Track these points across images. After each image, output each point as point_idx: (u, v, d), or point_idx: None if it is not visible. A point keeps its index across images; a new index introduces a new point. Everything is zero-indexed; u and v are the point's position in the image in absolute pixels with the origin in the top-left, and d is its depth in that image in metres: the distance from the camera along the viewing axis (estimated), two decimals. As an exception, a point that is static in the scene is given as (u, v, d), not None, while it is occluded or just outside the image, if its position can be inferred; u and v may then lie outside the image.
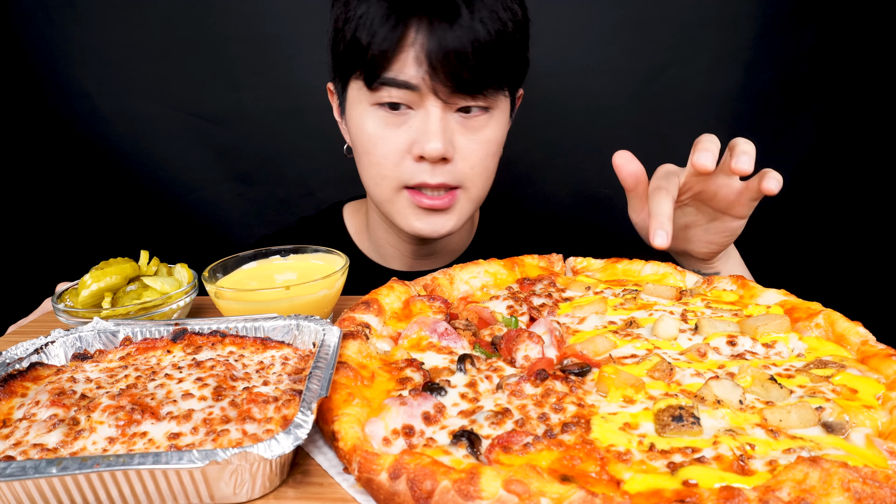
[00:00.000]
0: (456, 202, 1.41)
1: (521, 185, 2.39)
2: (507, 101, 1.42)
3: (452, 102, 1.31)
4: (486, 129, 1.37)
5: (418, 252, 1.66)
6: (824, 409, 0.75)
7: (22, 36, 2.23)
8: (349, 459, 0.69)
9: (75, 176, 2.36)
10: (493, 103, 1.35)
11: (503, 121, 1.41)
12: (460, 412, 0.78)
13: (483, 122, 1.36)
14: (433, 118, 1.29)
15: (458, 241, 1.69)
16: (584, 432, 0.72)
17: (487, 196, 1.80)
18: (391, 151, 1.35)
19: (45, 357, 0.92)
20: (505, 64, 1.31)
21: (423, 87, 1.27)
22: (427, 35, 1.23)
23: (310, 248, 1.28)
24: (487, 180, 1.45)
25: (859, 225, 2.33)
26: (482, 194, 1.47)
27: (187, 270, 1.23)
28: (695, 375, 0.85)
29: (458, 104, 1.32)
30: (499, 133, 1.40)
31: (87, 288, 1.13)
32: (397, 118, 1.33)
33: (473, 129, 1.35)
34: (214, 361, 0.88)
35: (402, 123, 1.33)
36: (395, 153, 1.35)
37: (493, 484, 0.61)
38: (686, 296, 1.13)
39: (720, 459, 0.67)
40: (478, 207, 1.51)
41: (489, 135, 1.37)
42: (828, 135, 2.26)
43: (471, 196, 1.43)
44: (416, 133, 1.32)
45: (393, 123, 1.34)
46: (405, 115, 1.33)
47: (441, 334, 0.96)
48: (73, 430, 0.74)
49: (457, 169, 1.36)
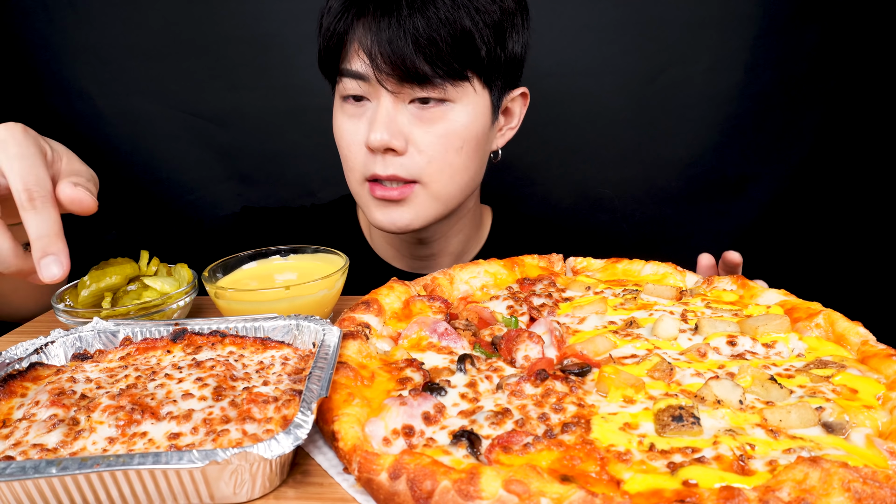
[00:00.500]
0: (413, 196, 1.39)
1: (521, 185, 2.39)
2: (482, 97, 1.38)
3: (404, 93, 1.31)
4: (443, 121, 1.34)
5: (414, 253, 1.65)
6: (824, 409, 0.75)
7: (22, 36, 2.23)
8: (349, 459, 0.69)
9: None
10: (453, 95, 1.33)
11: (470, 115, 1.37)
12: (460, 412, 0.78)
13: (440, 114, 1.34)
14: (381, 109, 1.32)
15: (458, 246, 1.67)
16: (584, 432, 0.72)
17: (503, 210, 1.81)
18: (353, 143, 1.39)
19: (45, 357, 0.92)
20: (457, 56, 1.29)
21: (371, 78, 1.30)
22: (370, 26, 1.27)
23: (310, 248, 1.28)
24: (453, 177, 1.41)
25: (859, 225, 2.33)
26: (449, 192, 1.43)
27: (187, 270, 1.23)
28: (695, 375, 0.85)
29: (410, 95, 1.32)
30: (461, 128, 1.36)
31: (86, 288, 1.13)
32: (358, 109, 1.38)
33: (429, 120, 1.34)
34: (214, 361, 0.88)
35: (361, 115, 1.37)
36: (355, 144, 1.39)
37: (493, 484, 0.61)
38: (686, 296, 1.13)
39: (720, 459, 0.67)
40: (448, 207, 1.46)
41: (448, 128, 1.35)
42: (828, 135, 2.26)
43: (432, 192, 1.40)
44: (368, 124, 1.35)
45: (354, 115, 1.38)
46: (364, 106, 1.37)
47: (441, 334, 0.96)
48: (72, 431, 0.74)
49: (412, 162, 1.35)
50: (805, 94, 2.22)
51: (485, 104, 1.40)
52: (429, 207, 1.42)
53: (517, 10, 1.38)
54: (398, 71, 1.26)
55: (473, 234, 1.72)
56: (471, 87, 1.35)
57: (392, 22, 1.25)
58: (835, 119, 2.24)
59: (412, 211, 1.41)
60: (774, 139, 2.28)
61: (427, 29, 1.24)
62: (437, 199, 1.42)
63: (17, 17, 2.21)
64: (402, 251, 1.67)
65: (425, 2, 1.25)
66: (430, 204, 1.42)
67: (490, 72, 1.36)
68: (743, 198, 2.36)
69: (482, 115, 1.40)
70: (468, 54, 1.30)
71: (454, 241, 1.65)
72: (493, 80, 1.39)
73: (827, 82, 2.21)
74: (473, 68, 1.33)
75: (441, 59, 1.27)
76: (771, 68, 2.19)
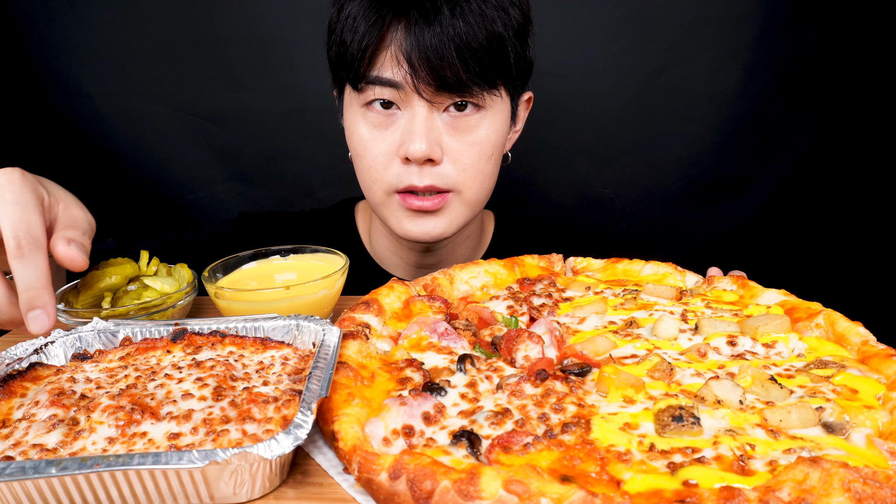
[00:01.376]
0: (447, 205, 1.38)
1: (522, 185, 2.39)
2: (506, 103, 1.39)
3: (438, 101, 1.29)
4: (477, 129, 1.34)
5: (420, 262, 1.63)
6: (825, 410, 0.75)
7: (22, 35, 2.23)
8: (349, 459, 0.69)
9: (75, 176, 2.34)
10: (484, 102, 1.32)
11: (499, 122, 1.38)
12: (460, 412, 0.78)
13: (475, 123, 1.33)
14: (418, 118, 1.28)
15: (466, 252, 1.66)
16: (584, 432, 0.72)
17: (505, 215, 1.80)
18: (380, 154, 1.35)
19: (45, 357, 0.92)
20: (493, 62, 1.28)
21: (406, 86, 1.27)
22: (406, 34, 1.23)
23: (309, 248, 1.28)
24: (483, 184, 1.41)
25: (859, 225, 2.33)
26: (479, 198, 1.43)
27: (187, 270, 1.23)
28: (695, 375, 0.85)
29: (444, 103, 1.30)
30: (493, 135, 1.37)
31: (87, 288, 1.13)
32: (386, 119, 1.33)
33: (463, 129, 1.33)
34: (214, 361, 0.88)
35: (390, 125, 1.33)
36: (384, 156, 1.35)
37: (493, 484, 0.61)
38: (686, 296, 1.13)
39: (720, 459, 0.67)
40: (476, 213, 1.47)
41: (481, 135, 1.34)
42: (828, 134, 2.26)
43: (465, 200, 1.40)
44: (403, 134, 1.31)
45: (382, 125, 1.34)
46: (393, 115, 1.33)
47: (441, 334, 0.96)
48: (72, 431, 0.74)
49: (446, 171, 1.34)
50: (805, 94, 2.22)
51: (507, 110, 1.41)
52: (461, 215, 1.42)
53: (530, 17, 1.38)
54: (438, 78, 1.24)
55: (479, 239, 1.72)
56: (499, 94, 1.34)
57: (435, 27, 1.21)
58: (835, 119, 2.24)
59: (446, 220, 1.40)
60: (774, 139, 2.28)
61: (469, 35, 1.22)
62: (468, 206, 1.42)
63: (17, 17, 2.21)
64: (408, 259, 1.64)
65: (463, 8, 1.23)
66: (462, 211, 1.42)
67: (516, 78, 1.37)
68: (743, 198, 2.36)
69: (506, 120, 1.41)
70: (501, 60, 1.29)
71: (461, 248, 1.65)
72: (516, 86, 1.39)
73: (827, 82, 2.21)
74: (503, 74, 1.32)
75: (481, 65, 1.25)
76: (771, 68, 2.19)
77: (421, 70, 1.23)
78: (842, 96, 2.21)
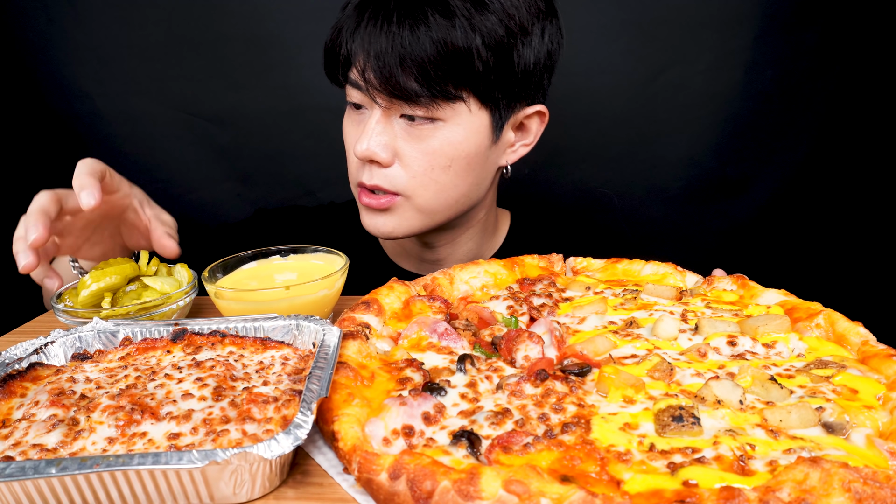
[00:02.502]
0: (395, 207, 1.40)
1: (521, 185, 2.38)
2: (478, 116, 1.34)
3: (393, 108, 1.31)
4: (431, 139, 1.32)
5: (422, 256, 1.66)
6: (825, 410, 0.75)
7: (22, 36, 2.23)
8: (349, 459, 0.69)
9: (75, 176, 2.36)
10: (442, 115, 1.30)
11: (461, 135, 1.33)
12: (460, 412, 0.78)
13: (428, 132, 1.32)
14: (371, 121, 1.32)
15: (468, 253, 1.67)
16: (584, 432, 0.72)
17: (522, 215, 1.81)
18: (350, 149, 1.42)
19: (45, 357, 0.92)
20: (446, 75, 1.24)
21: (365, 89, 1.30)
22: (368, 40, 1.26)
23: (310, 248, 1.28)
24: (438, 193, 1.39)
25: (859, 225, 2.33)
26: (434, 206, 1.41)
27: (187, 270, 1.23)
28: (695, 375, 0.85)
29: (399, 111, 1.31)
30: (449, 147, 1.33)
31: (86, 288, 1.12)
32: (359, 118, 1.39)
33: (417, 137, 1.33)
34: (214, 361, 0.88)
35: (359, 123, 1.39)
36: (352, 151, 1.41)
37: (493, 484, 0.61)
38: (686, 296, 1.12)
39: (720, 460, 0.67)
40: (435, 220, 1.45)
41: (434, 146, 1.33)
42: (828, 134, 2.26)
43: (416, 205, 1.39)
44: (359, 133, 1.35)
45: (355, 122, 1.40)
46: (362, 114, 1.38)
47: (441, 334, 0.96)
48: (72, 431, 0.74)
49: (394, 175, 1.35)
50: (805, 94, 2.22)
51: (481, 123, 1.35)
52: (412, 219, 1.43)
53: (537, 20, 1.33)
54: (386, 86, 1.25)
55: (486, 241, 1.72)
56: (465, 106, 1.31)
57: (381, 35, 1.23)
58: (835, 119, 2.24)
59: (395, 220, 1.43)
60: (774, 139, 2.28)
61: (414, 46, 1.21)
62: (421, 211, 1.42)
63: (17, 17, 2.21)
64: (410, 252, 1.68)
65: (416, 17, 1.21)
66: (414, 216, 1.42)
67: (489, 90, 1.31)
68: (743, 198, 2.36)
69: (477, 133, 1.35)
70: (461, 73, 1.25)
71: (463, 249, 1.65)
72: (494, 98, 1.33)
73: (827, 82, 2.21)
74: (469, 87, 1.29)
75: (428, 78, 1.23)
76: (771, 68, 2.19)
77: (371, 77, 1.26)
78: (841, 96, 2.21)
